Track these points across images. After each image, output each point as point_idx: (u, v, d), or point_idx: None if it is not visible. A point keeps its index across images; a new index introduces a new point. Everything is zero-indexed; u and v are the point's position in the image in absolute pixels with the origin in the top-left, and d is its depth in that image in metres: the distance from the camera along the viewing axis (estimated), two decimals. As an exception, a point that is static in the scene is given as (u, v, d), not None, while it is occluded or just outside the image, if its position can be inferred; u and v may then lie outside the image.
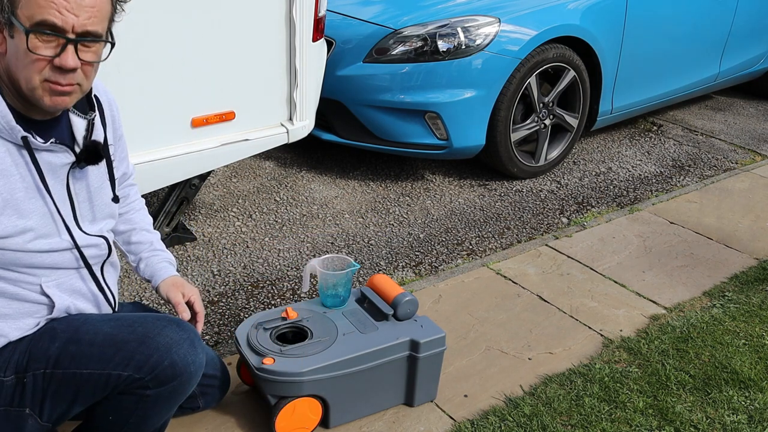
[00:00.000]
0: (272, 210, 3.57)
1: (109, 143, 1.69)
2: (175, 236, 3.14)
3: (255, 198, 3.67)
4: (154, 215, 2.99)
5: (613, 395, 2.30)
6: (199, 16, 2.53)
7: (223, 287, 2.92)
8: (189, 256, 3.10)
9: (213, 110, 2.71)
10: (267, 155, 4.07)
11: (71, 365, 1.57)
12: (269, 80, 2.85)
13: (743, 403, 2.29)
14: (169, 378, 1.59)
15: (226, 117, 2.76)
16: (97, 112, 1.65)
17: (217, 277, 2.98)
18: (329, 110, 3.73)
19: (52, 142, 1.53)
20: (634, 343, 2.57)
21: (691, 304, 2.85)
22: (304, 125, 3.02)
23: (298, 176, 3.94)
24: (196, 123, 2.67)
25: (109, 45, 1.50)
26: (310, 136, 3.24)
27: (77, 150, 1.60)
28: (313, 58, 2.97)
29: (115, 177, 1.74)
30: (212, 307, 2.79)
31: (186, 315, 1.83)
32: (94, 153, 1.61)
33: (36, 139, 1.50)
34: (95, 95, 1.66)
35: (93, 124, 1.62)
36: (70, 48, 1.40)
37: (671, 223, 3.52)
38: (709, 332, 2.64)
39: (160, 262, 1.94)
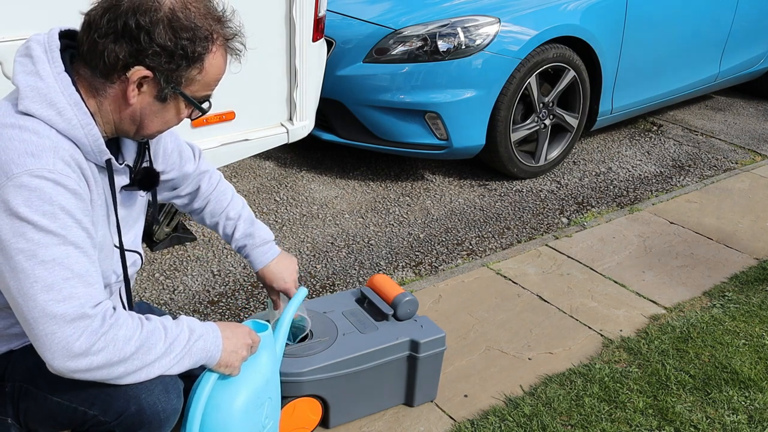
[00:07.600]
0: (272, 210, 3.57)
1: (159, 169, 1.68)
2: (175, 236, 3.14)
3: (255, 198, 3.67)
4: (154, 216, 2.99)
5: (613, 395, 2.30)
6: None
7: (223, 287, 2.92)
8: (189, 256, 3.10)
9: (213, 110, 2.70)
10: (267, 155, 4.07)
11: (44, 387, 1.50)
12: (269, 80, 2.85)
13: (743, 403, 2.29)
14: (135, 425, 1.48)
15: (226, 117, 2.76)
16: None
17: (217, 277, 2.98)
18: (329, 110, 3.73)
19: (124, 164, 1.54)
20: (634, 343, 2.57)
21: (691, 304, 2.85)
22: (304, 125, 3.02)
23: (298, 176, 3.94)
24: (196, 123, 2.67)
25: None
26: (310, 136, 3.24)
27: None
28: (313, 58, 2.97)
29: (158, 199, 1.76)
30: (212, 307, 2.79)
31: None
32: (148, 179, 1.61)
33: (116, 162, 1.51)
34: None
35: (147, 149, 1.62)
36: None
37: (671, 223, 3.52)
38: (709, 332, 2.64)
39: (259, 249, 1.96)
